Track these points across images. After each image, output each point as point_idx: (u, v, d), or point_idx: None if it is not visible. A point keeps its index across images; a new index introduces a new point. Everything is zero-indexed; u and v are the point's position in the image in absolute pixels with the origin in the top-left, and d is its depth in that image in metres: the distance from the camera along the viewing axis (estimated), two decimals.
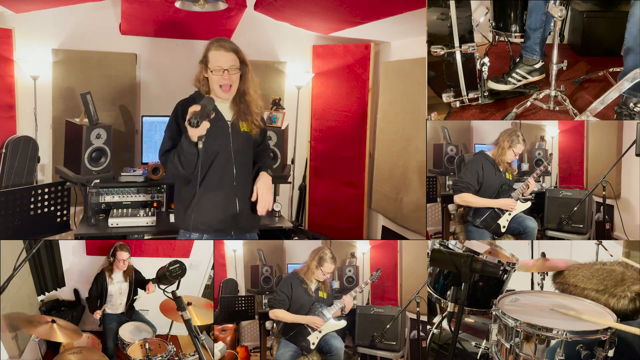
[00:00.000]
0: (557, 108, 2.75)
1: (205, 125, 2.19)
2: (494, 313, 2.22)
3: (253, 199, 2.42)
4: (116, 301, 3.14)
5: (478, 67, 2.79)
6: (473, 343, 2.59)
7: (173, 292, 2.31)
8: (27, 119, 3.64)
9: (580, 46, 3.20)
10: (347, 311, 2.87)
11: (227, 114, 2.44)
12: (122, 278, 3.14)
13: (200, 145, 2.21)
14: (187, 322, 2.28)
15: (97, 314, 3.08)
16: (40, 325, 2.67)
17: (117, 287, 3.13)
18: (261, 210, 2.41)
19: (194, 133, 2.19)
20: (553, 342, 2.00)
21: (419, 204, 3.56)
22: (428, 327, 2.88)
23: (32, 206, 3.00)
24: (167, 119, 2.42)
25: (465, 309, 2.55)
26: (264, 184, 2.44)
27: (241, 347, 3.28)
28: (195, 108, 2.18)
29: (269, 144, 2.82)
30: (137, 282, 3.18)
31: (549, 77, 2.74)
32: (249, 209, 2.46)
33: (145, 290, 3.18)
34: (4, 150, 3.02)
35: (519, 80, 2.84)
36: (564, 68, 2.73)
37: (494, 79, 2.86)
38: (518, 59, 2.85)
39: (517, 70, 2.82)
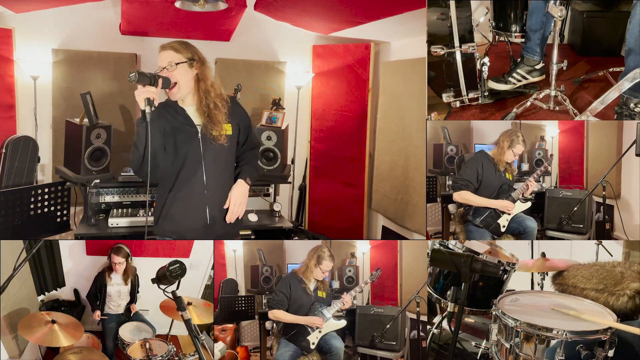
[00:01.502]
0: (557, 108, 2.75)
1: (150, 88, 2.11)
2: (494, 313, 2.22)
3: (225, 206, 2.40)
4: (115, 302, 3.14)
5: (478, 67, 2.79)
6: (473, 343, 2.59)
7: (173, 292, 2.31)
8: (27, 119, 3.64)
9: (580, 46, 3.20)
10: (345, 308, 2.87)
11: (196, 119, 2.36)
12: (122, 280, 3.13)
13: (147, 118, 2.10)
14: (187, 322, 2.28)
15: (97, 315, 3.08)
16: (40, 329, 2.65)
17: (116, 288, 3.13)
18: (229, 218, 2.40)
19: (138, 94, 2.11)
20: (553, 342, 1.99)
21: (419, 204, 3.56)
22: (428, 327, 2.88)
23: (32, 206, 3.00)
24: None
25: (465, 309, 2.55)
26: (238, 193, 2.40)
27: (241, 347, 3.28)
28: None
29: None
30: (136, 288, 3.19)
31: (549, 77, 2.74)
32: (224, 218, 2.42)
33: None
34: (4, 150, 3.02)
35: (519, 80, 2.84)
36: (564, 68, 2.73)
37: (494, 78, 2.86)
38: (519, 59, 2.85)
39: (518, 71, 2.83)
